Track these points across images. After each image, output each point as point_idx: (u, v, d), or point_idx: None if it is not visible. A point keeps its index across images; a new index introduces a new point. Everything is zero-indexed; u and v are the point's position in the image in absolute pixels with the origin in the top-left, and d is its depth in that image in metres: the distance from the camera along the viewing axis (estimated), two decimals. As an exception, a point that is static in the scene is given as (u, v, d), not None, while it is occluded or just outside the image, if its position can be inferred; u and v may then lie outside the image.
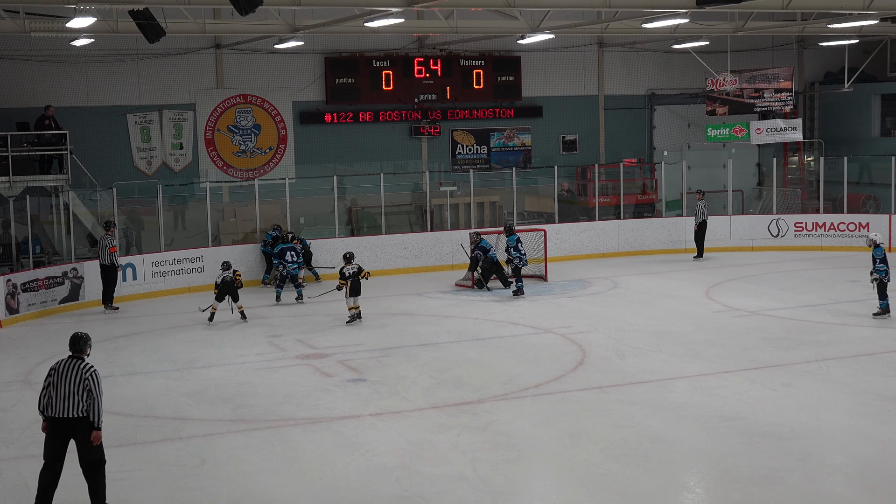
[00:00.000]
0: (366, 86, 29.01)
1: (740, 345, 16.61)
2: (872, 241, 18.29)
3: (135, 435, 12.68)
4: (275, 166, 28.55)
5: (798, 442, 11.73)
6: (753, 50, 31.93)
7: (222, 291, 19.61)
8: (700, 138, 30.73)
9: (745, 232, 27.38)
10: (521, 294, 21.57)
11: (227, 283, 19.61)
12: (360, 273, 18.99)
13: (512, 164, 30.00)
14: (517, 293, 21.58)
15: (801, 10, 22.64)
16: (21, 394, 14.80)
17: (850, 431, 12.09)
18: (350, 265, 19.04)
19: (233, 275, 19.74)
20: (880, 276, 18.08)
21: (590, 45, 31.66)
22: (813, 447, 11.59)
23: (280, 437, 12.41)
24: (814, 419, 12.56)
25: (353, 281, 18.85)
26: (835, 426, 12.28)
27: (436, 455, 11.64)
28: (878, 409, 12.96)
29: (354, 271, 18.95)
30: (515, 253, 21.75)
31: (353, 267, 19.02)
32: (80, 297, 21.60)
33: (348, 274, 18.89)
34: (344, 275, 18.90)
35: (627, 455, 11.47)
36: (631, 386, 14.36)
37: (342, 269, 19.02)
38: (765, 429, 12.18)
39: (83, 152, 24.41)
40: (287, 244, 22.08)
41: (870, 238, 18.43)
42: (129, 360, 16.83)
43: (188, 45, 27.11)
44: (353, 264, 19.07)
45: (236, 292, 19.73)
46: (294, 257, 21.69)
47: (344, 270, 18.99)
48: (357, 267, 19.10)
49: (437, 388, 14.50)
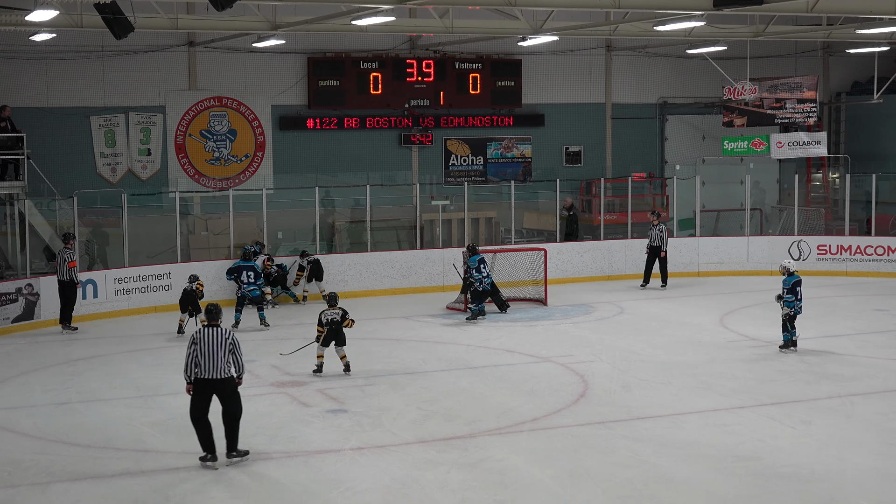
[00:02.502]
0: (352, 89, 29.06)
1: (757, 378, 16.62)
2: (785, 269, 18.38)
3: (92, 467, 12.62)
4: (251, 175, 28.56)
5: (819, 485, 11.73)
6: (775, 56, 32.06)
7: (183, 302, 20.35)
8: (716, 152, 30.83)
9: (764, 254, 27.41)
10: (476, 319, 21.55)
11: (186, 293, 20.40)
12: (344, 321, 16.95)
13: (510, 176, 30.05)
14: (472, 318, 21.60)
15: (828, 13, 22.71)
16: (-32, 421, 14.74)
17: (875, 474, 12.09)
18: (332, 310, 16.97)
19: (193, 286, 20.41)
20: (792, 308, 18.19)
21: (597, 48, 31.78)
22: (835, 491, 11.58)
23: (252, 473, 12.37)
24: (836, 460, 12.56)
25: (332, 329, 16.88)
26: (859, 468, 12.27)
27: (423, 494, 11.61)
28: (907, 450, 12.97)
29: (336, 318, 16.89)
30: (477, 274, 21.67)
31: (335, 312, 16.92)
32: (36, 316, 21.54)
33: (326, 320, 16.87)
34: (321, 321, 16.93)
35: (632, 497, 11.45)
36: (637, 421, 14.34)
37: (321, 315, 17.02)
38: (783, 470, 12.17)
39: (41, 157, 24.40)
40: (246, 262, 21.64)
41: (782, 265, 18.56)
42: (88, 385, 16.77)
43: (159, 43, 27.13)
44: (335, 309, 16.96)
45: (197, 303, 20.03)
46: (250, 278, 21.29)
47: (322, 316, 16.99)
48: (340, 312, 16.97)
49: (425, 421, 14.48)
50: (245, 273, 21.37)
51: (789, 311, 18.24)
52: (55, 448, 13.38)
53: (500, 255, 24.29)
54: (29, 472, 12.47)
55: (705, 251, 27.71)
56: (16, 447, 13.45)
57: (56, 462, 12.80)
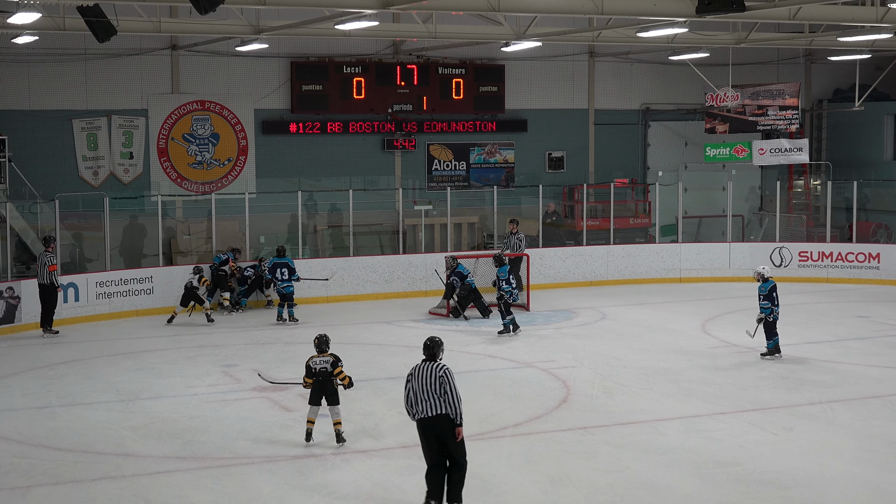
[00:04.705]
0: (335, 94, 29.08)
1: (738, 384, 16.67)
2: (760, 275, 18.53)
3: (73, 472, 12.58)
4: (234, 179, 28.54)
5: (800, 491, 11.77)
6: (757, 63, 32.21)
7: (186, 297, 21.93)
8: (698, 158, 30.92)
9: (745, 261, 27.49)
10: (509, 332, 20.72)
11: (187, 289, 21.98)
12: (335, 370, 13.37)
13: (493, 182, 30.09)
14: (506, 331, 20.76)
15: (810, 21, 22.84)
16: (-52, 425, 14.68)
17: (856, 480, 12.14)
18: (321, 357, 13.45)
19: (198, 280, 22.07)
20: (764, 315, 18.32)
21: (580, 54, 31.86)
22: (816, 497, 11.63)
23: (233, 477, 12.36)
24: (817, 466, 12.60)
25: (320, 382, 13.42)
26: (839, 474, 12.33)
27: (404, 499, 11.62)
28: (887, 457, 13.02)
29: (325, 368, 13.38)
30: (507, 286, 20.97)
31: (325, 360, 13.43)
32: (16, 320, 21.46)
33: (316, 370, 13.40)
34: (310, 370, 13.44)
35: (614, 502, 11.48)
36: (619, 427, 14.37)
37: (308, 362, 13.53)
38: (764, 476, 12.22)
39: (23, 160, 24.33)
40: (281, 260, 22.53)
41: (757, 271, 18.71)
42: (68, 389, 16.72)
43: (141, 46, 27.10)
44: (325, 355, 13.45)
45: (199, 297, 21.96)
46: (284, 275, 22.25)
47: (310, 363, 13.49)
48: (331, 360, 13.39)
49: (408, 426, 14.40)
50: (280, 270, 22.30)
51: (765, 316, 18.33)
52: (35, 452, 13.34)
53: (481, 260, 24.30)
54: (9, 476, 12.43)
55: (687, 257, 27.80)
56: (-4, 451, 13.42)
57: (36, 466, 12.75)
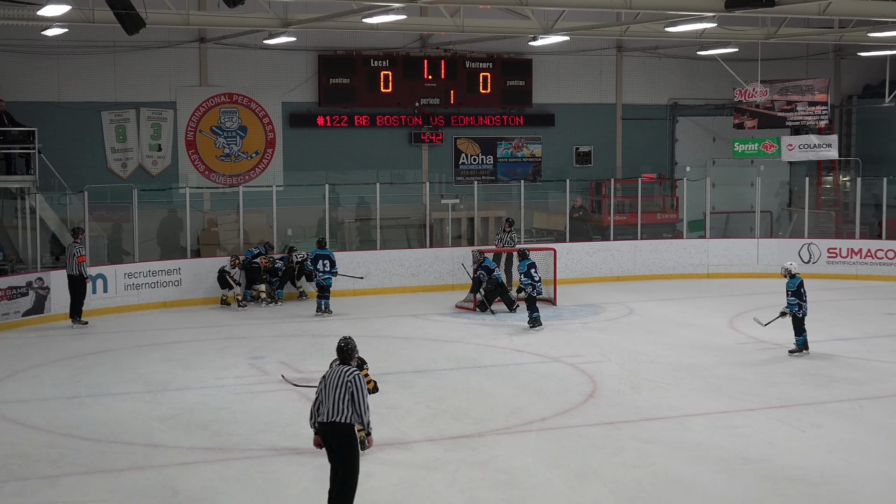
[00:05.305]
0: (362, 87, 29.07)
1: (766, 380, 16.61)
2: (787, 271, 18.41)
3: (101, 462, 12.64)
4: (261, 172, 28.59)
5: (828, 488, 11.72)
6: (786, 59, 32.00)
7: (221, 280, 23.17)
8: (726, 153, 30.80)
9: (774, 257, 27.35)
10: (537, 326, 20.88)
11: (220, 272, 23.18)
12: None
13: (520, 176, 30.05)
14: (532, 324, 20.92)
15: (839, 16, 22.71)
16: (-22, 414, 14.79)
17: (884, 478, 12.08)
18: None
19: (230, 265, 23.16)
20: (792, 311, 18.23)
21: (608, 48, 31.75)
22: (844, 495, 11.57)
23: (260, 469, 12.39)
24: (845, 464, 12.54)
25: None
26: (868, 472, 12.26)
27: (431, 492, 11.62)
28: (916, 455, 12.96)
29: None
30: (527, 280, 21.05)
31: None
32: (46, 310, 21.60)
33: None
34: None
35: (640, 498, 11.45)
36: (645, 422, 14.34)
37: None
38: (791, 473, 12.16)
39: (52, 152, 24.41)
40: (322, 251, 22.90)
41: (784, 267, 18.60)
42: (96, 379, 16.82)
43: (170, 38, 27.16)
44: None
45: (229, 282, 23.02)
46: (326, 266, 22.67)
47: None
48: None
49: (434, 419, 14.48)
50: (321, 262, 22.65)
51: (791, 312, 18.22)
52: (64, 442, 13.42)
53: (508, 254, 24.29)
54: (38, 465, 12.51)
55: (715, 253, 27.71)
56: (25, 440, 13.49)
57: (65, 456, 12.83)
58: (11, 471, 12.30)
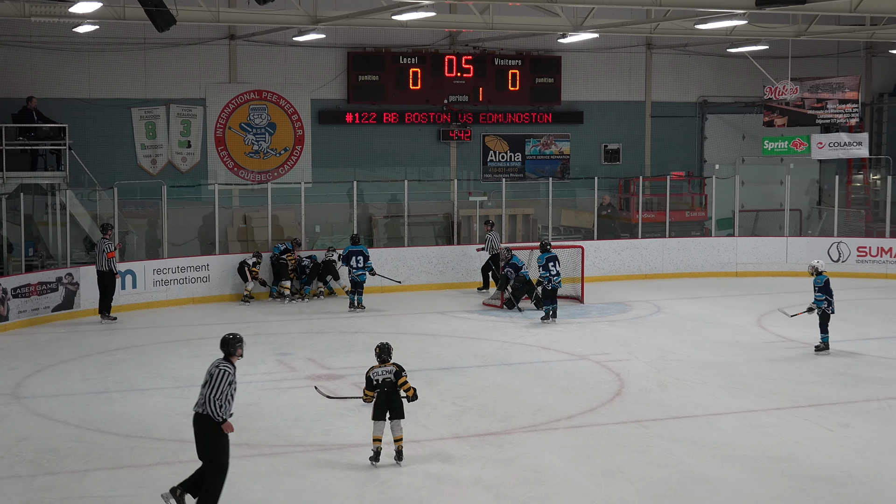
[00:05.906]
0: (391, 84, 29.11)
1: (794, 379, 16.53)
2: (814, 269, 18.30)
3: (130, 457, 12.73)
4: (290, 169, 28.68)
5: (856, 488, 11.65)
6: (817, 56, 31.83)
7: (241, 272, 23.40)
8: (755, 151, 30.66)
9: (803, 255, 27.15)
10: (549, 319, 21.10)
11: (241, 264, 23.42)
12: (399, 380, 12.26)
13: (548, 173, 29.98)
14: (544, 318, 21.19)
15: (871, 13, 22.52)
16: (8, 408, 14.89)
17: (913, 479, 12.01)
18: (382, 367, 12.36)
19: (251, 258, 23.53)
20: (821, 308, 18.13)
21: (637, 46, 31.67)
22: (872, 494, 11.51)
23: (287, 465, 12.44)
24: (874, 464, 12.47)
25: (385, 393, 12.28)
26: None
27: (457, 490, 11.63)
28: (945, 455, 12.87)
29: (388, 378, 12.28)
30: (544, 273, 21.20)
31: (388, 371, 12.32)
32: (75, 306, 21.73)
33: (378, 381, 12.29)
34: (371, 382, 12.33)
35: (667, 496, 11.42)
36: (672, 421, 14.31)
37: (368, 373, 12.46)
38: (819, 472, 12.11)
39: (82, 148, 24.57)
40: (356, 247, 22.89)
41: (811, 265, 18.50)
42: (125, 374, 16.91)
43: (200, 36, 27.29)
44: (388, 365, 12.36)
45: (245, 274, 23.38)
46: (359, 262, 22.65)
47: (371, 374, 12.39)
48: (394, 369, 12.29)
49: (460, 417, 14.49)
50: (355, 258, 22.68)
51: (819, 308, 18.14)
52: (93, 437, 13.50)
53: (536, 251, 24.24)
54: (67, 459, 12.60)
55: (744, 251, 27.59)
56: (54, 435, 13.58)
57: (94, 450, 12.91)
58: (41, 465, 12.40)
